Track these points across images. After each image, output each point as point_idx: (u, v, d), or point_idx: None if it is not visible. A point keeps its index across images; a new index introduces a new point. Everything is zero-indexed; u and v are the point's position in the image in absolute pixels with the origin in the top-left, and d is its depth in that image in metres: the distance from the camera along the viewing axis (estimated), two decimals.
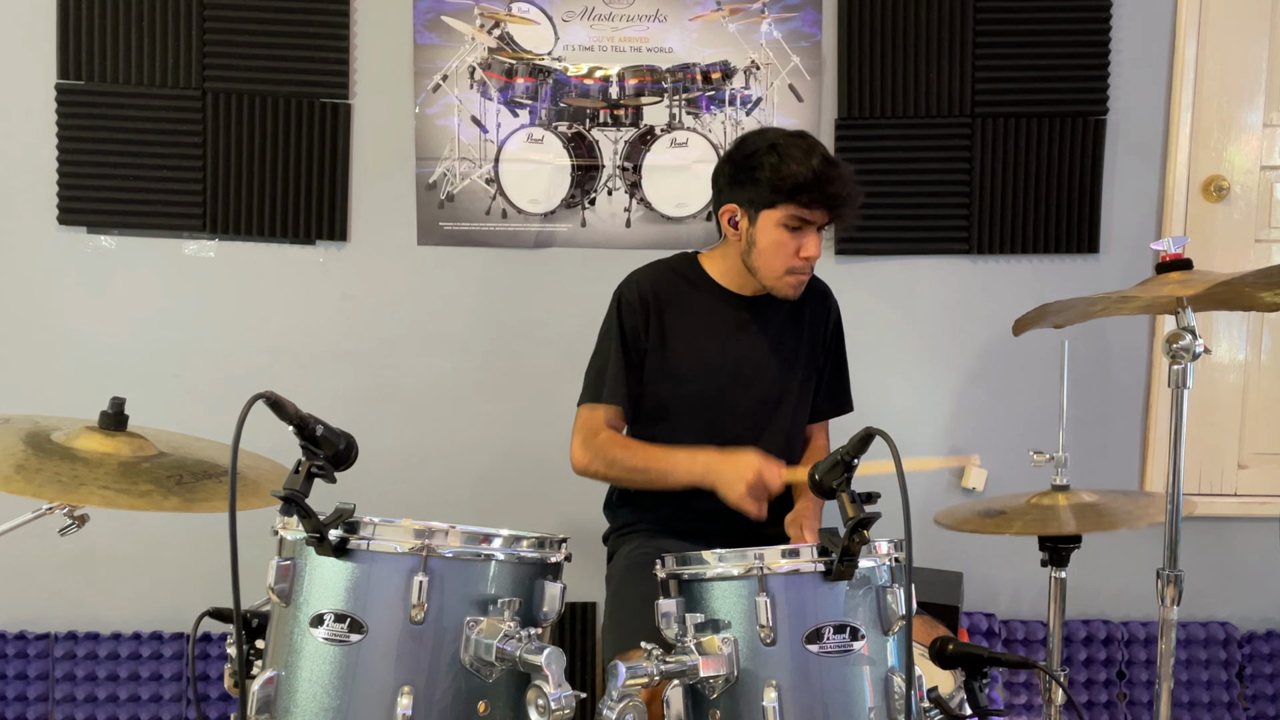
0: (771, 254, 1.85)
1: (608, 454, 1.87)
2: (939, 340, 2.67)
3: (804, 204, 1.79)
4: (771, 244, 1.84)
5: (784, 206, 1.80)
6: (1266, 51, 2.64)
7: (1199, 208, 2.66)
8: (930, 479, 2.65)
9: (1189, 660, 2.68)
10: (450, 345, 2.61)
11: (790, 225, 1.82)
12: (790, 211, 1.80)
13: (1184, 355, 1.61)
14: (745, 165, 1.84)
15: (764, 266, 1.87)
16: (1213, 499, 2.70)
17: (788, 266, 1.85)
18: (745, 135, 1.92)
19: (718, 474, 1.73)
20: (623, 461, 1.86)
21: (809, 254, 1.83)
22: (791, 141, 1.82)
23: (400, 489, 2.55)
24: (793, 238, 1.83)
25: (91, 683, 2.55)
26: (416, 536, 1.22)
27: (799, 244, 1.83)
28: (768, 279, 1.89)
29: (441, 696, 1.21)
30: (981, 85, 2.59)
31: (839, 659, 1.25)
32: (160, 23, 2.49)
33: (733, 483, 1.70)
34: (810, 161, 1.78)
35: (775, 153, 1.80)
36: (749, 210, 1.85)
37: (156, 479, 1.41)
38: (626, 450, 1.88)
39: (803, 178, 1.77)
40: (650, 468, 1.84)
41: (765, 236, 1.84)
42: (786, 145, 1.80)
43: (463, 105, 2.55)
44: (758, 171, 1.81)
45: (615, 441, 1.89)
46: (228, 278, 2.57)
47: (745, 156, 1.84)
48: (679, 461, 1.81)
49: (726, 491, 1.71)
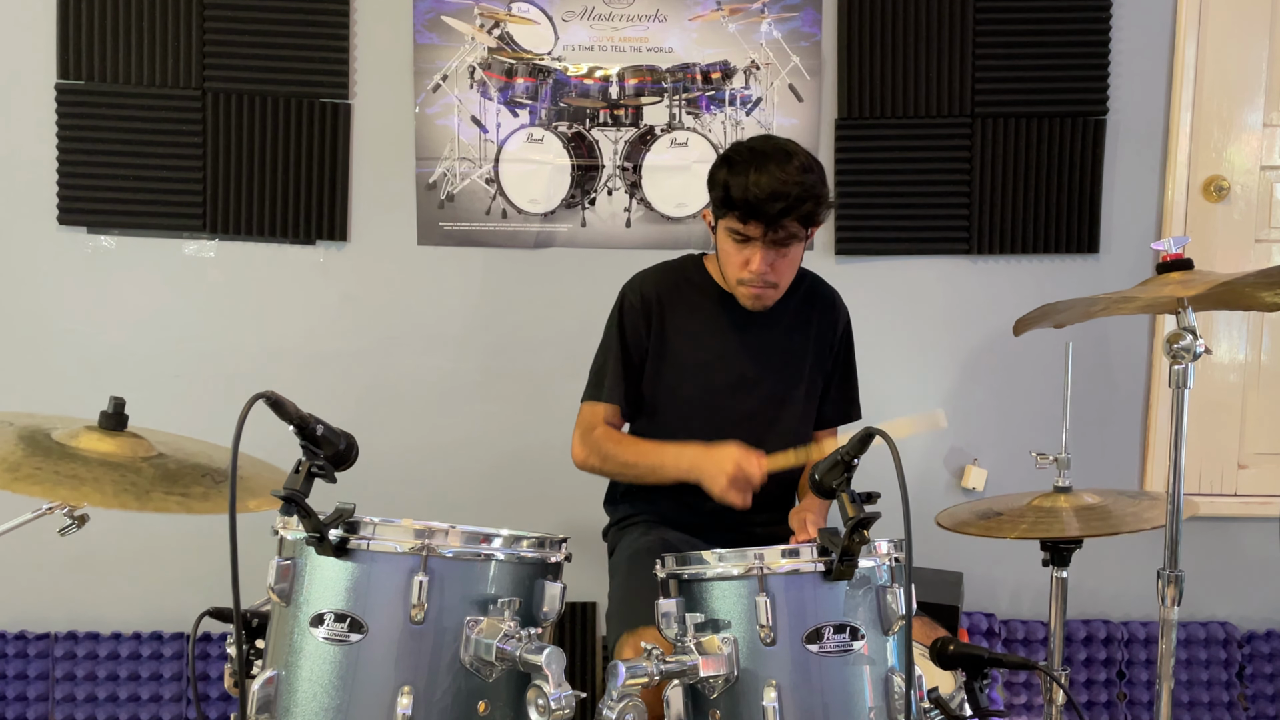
0: (725, 261, 1.88)
1: (602, 449, 1.90)
2: (939, 340, 2.67)
3: (739, 219, 1.78)
4: (723, 252, 1.87)
5: (726, 219, 1.81)
6: (1266, 51, 2.64)
7: (1199, 208, 2.66)
8: (930, 479, 2.66)
9: (1189, 660, 2.68)
10: (450, 345, 2.61)
11: (735, 238, 1.82)
12: (731, 224, 1.81)
13: (1185, 355, 1.61)
14: (711, 170, 1.85)
15: (725, 272, 1.90)
16: (1213, 499, 2.70)
17: (738, 277, 1.86)
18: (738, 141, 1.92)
19: (700, 468, 1.75)
20: (616, 456, 1.89)
21: (753, 269, 1.81)
22: (749, 154, 1.79)
23: (400, 489, 2.55)
24: (738, 250, 1.83)
25: (91, 683, 2.55)
26: (416, 536, 1.22)
27: (745, 257, 1.82)
28: (729, 286, 1.91)
29: (441, 696, 1.21)
30: (981, 85, 2.59)
31: (839, 659, 1.25)
32: (160, 23, 2.49)
33: (715, 476, 1.72)
34: (749, 177, 1.74)
35: (727, 164, 1.80)
36: (714, 215, 1.87)
37: (157, 479, 1.41)
38: (619, 445, 1.91)
39: (736, 193, 1.76)
40: (640, 463, 1.87)
41: (721, 243, 1.87)
42: (741, 157, 1.79)
43: (463, 105, 2.55)
44: (714, 177, 1.83)
45: (609, 437, 1.92)
46: (228, 278, 2.57)
47: (718, 161, 1.85)
48: (667, 457, 1.83)
49: (710, 485, 1.73)
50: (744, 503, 1.71)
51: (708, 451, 1.75)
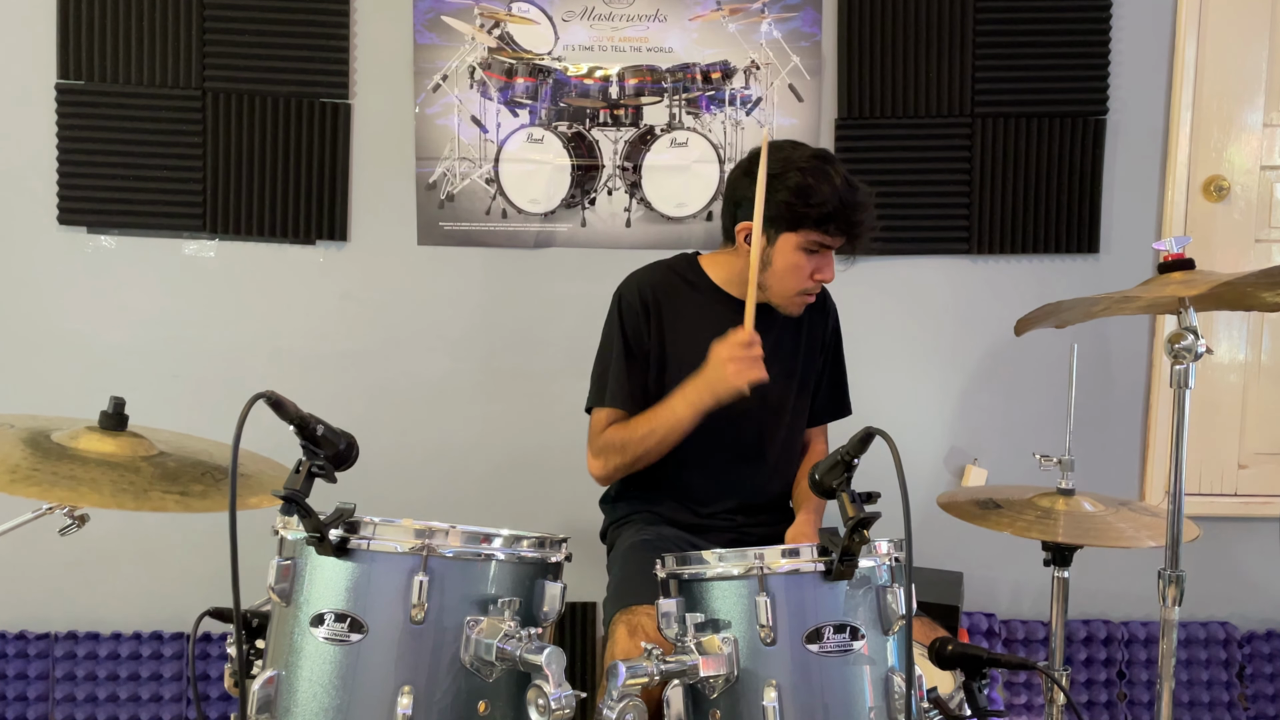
0: (787, 275, 1.85)
1: (615, 444, 1.88)
2: (939, 340, 2.67)
3: (828, 231, 1.80)
4: (789, 266, 1.84)
5: (805, 231, 1.81)
6: (1266, 51, 2.64)
7: (1199, 208, 2.66)
8: (930, 479, 2.66)
9: (1189, 660, 2.68)
10: (450, 345, 2.61)
11: (809, 249, 1.82)
12: (811, 237, 1.81)
13: (1186, 355, 1.61)
14: (769, 186, 1.77)
15: (777, 285, 1.87)
16: (1213, 499, 2.70)
17: (801, 288, 1.87)
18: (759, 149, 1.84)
19: (707, 384, 1.76)
20: (632, 440, 1.86)
21: (824, 277, 1.85)
22: (817, 165, 1.81)
23: (400, 489, 2.55)
24: (810, 261, 1.84)
25: (91, 683, 2.55)
26: (417, 536, 1.22)
27: (815, 266, 1.84)
28: (778, 298, 1.89)
29: (442, 696, 1.21)
30: (981, 85, 2.59)
31: (839, 659, 1.25)
32: (160, 23, 2.49)
33: (721, 377, 1.73)
34: (837, 188, 1.78)
35: (802, 176, 1.79)
36: (768, 230, 1.82)
37: (156, 478, 1.41)
38: (629, 430, 1.88)
39: (831, 205, 1.77)
40: (657, 427, 1.84)
41: (783, 259, 1.84)
42: (813, 169, 1.79)
43: (463, 105, 2.55)
44: (780, 194, 1.79)
45: (616, 431, 1.90)
46: (228, 278, 2.57)
47: (771, 177, 1.77)
48: (675, 404, 1.82)
49: (725, 387, 1.74)
50: (761, 375, 1.73)
51: (703, 370, 1.77)
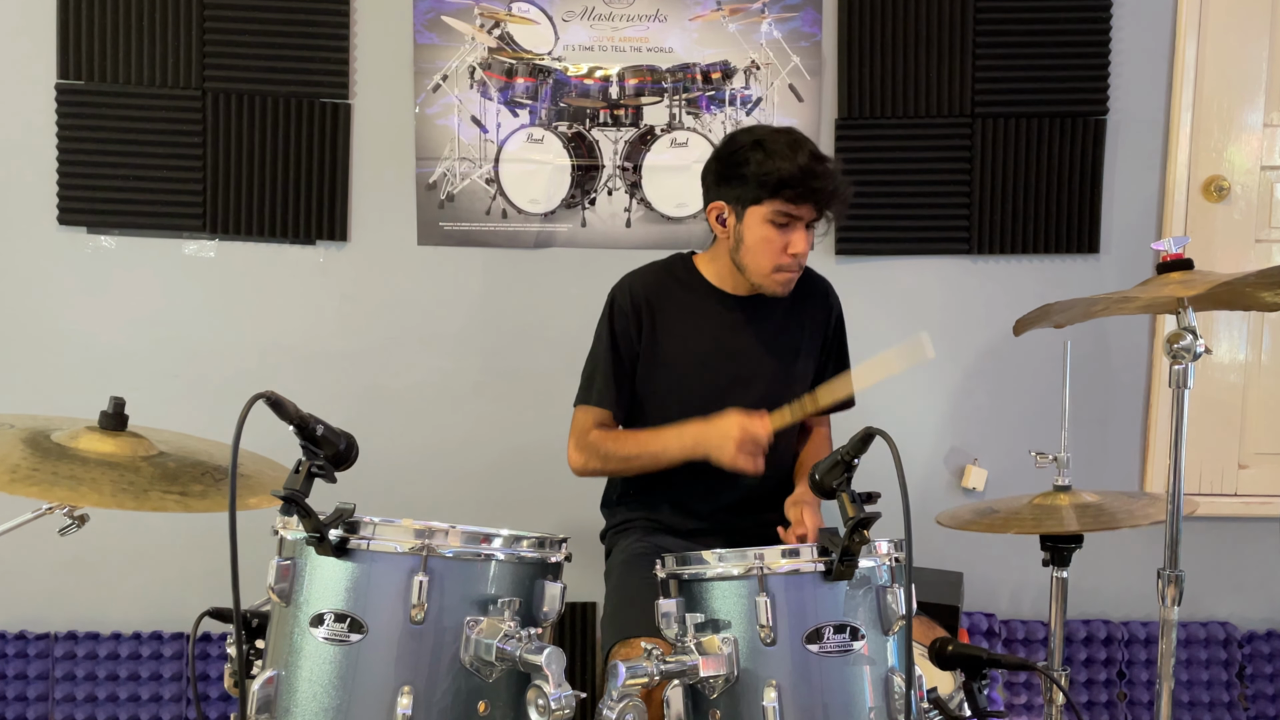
0: (759, 251, 1.85)
1: (600, 449, 1.90)
2: (939, 340, 2.62)
3: (790, 199, 1.79)
4: (759, 240, 1.84)
5: (770, 202, 1.80)
6: (1266, 51, 2.64)
7: (1199, 208, 2.66)
8: (930, 479, 2.66)
9: (1189, 660, 2.68)
10: (450, 345, 2.61)
11: (777, 221, 1.81)
12: (776, 207, 1.80)
13: (1185, 355, 1.61)
14: (732, 161, 1.84)
15: (752, 264, 1.87)
16: (1213, 499, 2.70)
17: (775, 264, 1.85)
18: (732, 133, 1.93)
19: (706, 441, 1.76)
20: (616, 452, 1.89)
21: (796, 250, 1.83)
22: (777, 137, 1.82)
23: (400, 489, 2.55)
24: (780, 234, 1.82)
25: (91, 683, 2.55)
26: (416, 536, 1.22)
27: (786, 240, 1.82)
28: (756, 276, 1.89)
29: (441, 696, 1.21)
30: (981, 85, 2.59)
31: (839, 659, 1.25)
32: (160, 23, 2.48)
33: (722, 445, 1.72)
34: (796, 157, 1.77)
35: (761, 148, 1.80)
36: (736, 207, 1.85)
37: (156, 478, 1.41)
38: (617, 442, 1.91)
39: (788, 173, 1.77)
40: (643, 452, 1.87)
41: (752, 233, 1.84)
42: (772, 141, 1.81)
43: (463, 105, 2.55)
44: (744, 167, 1.81)
45: (605, 437, 1.92)
46: (228, 278, 2.57)
47: (731, 153, 1.84)
48: (668, 439, 1.83)
49: (719, 455, 1.73)
50: (756, 467, 1.72)
51: (709, 423, 1.76)
